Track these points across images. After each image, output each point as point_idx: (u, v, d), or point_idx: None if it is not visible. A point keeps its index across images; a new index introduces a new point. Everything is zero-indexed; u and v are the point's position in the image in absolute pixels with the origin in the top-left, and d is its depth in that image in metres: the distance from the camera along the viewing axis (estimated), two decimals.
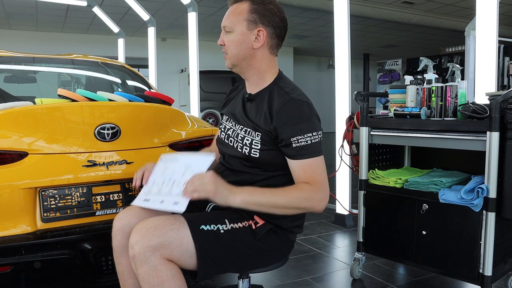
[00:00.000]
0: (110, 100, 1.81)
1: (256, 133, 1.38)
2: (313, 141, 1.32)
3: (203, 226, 1.31)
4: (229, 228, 1.35)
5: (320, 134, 1.35)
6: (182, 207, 1.29)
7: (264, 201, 1.29)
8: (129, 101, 1.85)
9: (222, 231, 1.33)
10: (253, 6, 1.38)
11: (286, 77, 1.49)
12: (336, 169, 3.25)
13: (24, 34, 9.14)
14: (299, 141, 1.30)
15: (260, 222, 1.39)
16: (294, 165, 1.34)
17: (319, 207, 1.31)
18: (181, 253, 1.26)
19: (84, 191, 1.68)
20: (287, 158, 1.36)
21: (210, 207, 1.51)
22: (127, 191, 1.77)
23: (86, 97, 1.77)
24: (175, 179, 1.39)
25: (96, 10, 6.25)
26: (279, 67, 1.49)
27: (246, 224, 1.38)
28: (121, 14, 7.75)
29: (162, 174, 1.46)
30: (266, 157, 1.38)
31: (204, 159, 1.38)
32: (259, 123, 1.38)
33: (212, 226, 1.32)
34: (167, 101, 2.03)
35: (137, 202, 1.46)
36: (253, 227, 1.38)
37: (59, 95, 1.80)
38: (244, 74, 1.46)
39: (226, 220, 1.36)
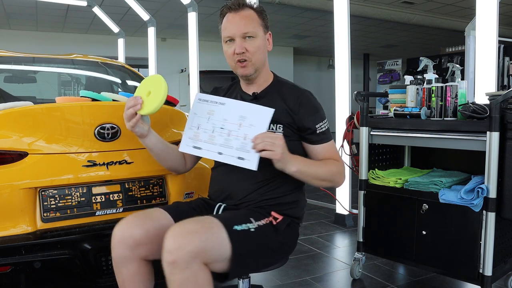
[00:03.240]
0: (114, 100, 1.81)
1: (278, 125, 1.44)
2: (327, 126, 1.50)
3: (236, 227, 1.30)
4: (256, 226, 1.35)
5: None
6: (253, 164, 1.31)
7: (312, 172, 1.40)
8: None
9: (252, 230, 1.33)
10: (257, 11, 1.46)
11: None
12: None
13: (24, 34, 9.13)
14: (321, 127, 1.47)
15: (279, 217, 1.42)
16: (319, 149, 1.48)
17: (342, 180, 1.51)
18: (217, 257, 1.23)
19: (84, 191, 1.68)
20: (309, 145, 1.47)
21: (222, 207, 1.48)
22: (127, 191, 1.77)
23: (89, 97, 1.76)
24: (231, 130, 1.34)
25: (96, 10, 6.25)
26: (279, 67, 1.53)
27: (267, 221, 1.40)
28: (121, 14, 7.74)
29: (208, 119, 1.39)
30: (289, 148, 1.39)
31: (263, 112, 1.33)
32: (278, 117, 1.41)
33: (243, 225, 1.32)
34: (171, 102, 2.03)
35: (185, 148, 1.41)
36: (274, 222, 1.40)
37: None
38: (257, 77, 1.51)
39: (252, 219, 1.36)
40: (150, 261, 1.39)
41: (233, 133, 1.33)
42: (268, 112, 1.33)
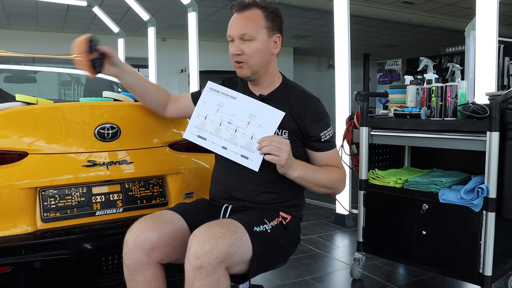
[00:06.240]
0: (116, 100, 1.81)
1: (283, 131, 1.42)
2: (332, 133, 1.48)
3: (256, 228, 1.30)
4: (270, 227, 1.36)
5: None
6: (256, 165, 1.30)
7: (313, 179, 1.38)
8: (135, 101, 1.84)
9: (269, 231, 1.34)
10: (266, 12, 1.40)
11: None
12: None
13: (24, 34, 9.13)
14: (326, 135, 1.45)
15: (288, 217, 1.44)
16: (322, 156, 1.46)
17: (342, 188, 1.49)
18: (239, 260, 1.22)
19: (84, 191, 1.68)
20: (312, 152, 1.46)
21: (229, 209, 1.46)
22: (127, 191, 1.77)
23: (111, 98, 1.76)
24: (238, 126, 1.33)
25: (96, 10, 6.25)
26: (279, 67, 1.52)
27: (277, 221, 1.41)
28: (121, 14, 7.74)
29: (217, 111, 1.37)
30: (292, 153, 1.37)
31: (274, 114, 1.32)
32: (283, 122, 1.38)
33: (261, 227, 1.32)
34: None
35: (190, 136, 1.40)
36: (284, 222, 1.42)
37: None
38: (259, 80, 1.48)
39: (265, 220, 1.36)
40: (163, 265, 1.35)
41: (240, 130, 1.33)
42: (278, 115, 1.32)
